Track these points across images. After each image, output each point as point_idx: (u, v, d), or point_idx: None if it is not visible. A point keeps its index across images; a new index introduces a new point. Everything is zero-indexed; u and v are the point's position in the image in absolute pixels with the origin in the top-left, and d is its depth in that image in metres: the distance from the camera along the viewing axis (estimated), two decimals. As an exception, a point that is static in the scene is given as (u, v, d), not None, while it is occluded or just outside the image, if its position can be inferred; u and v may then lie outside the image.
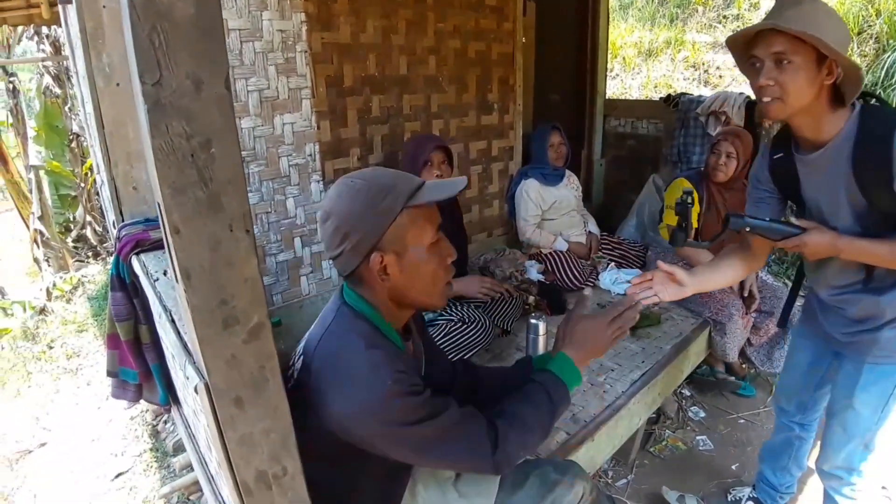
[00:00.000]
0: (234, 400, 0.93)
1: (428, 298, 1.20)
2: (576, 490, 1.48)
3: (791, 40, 1.29)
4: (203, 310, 0.86)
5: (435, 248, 1.16)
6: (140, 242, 1.99)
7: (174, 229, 0.82)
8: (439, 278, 1.18)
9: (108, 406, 3.22)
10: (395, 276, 1.14)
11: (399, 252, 1.12)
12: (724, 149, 2.77)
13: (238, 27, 2.31)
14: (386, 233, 1.10)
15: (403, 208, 1.10)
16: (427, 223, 1.14)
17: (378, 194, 1.10)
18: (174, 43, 0.77)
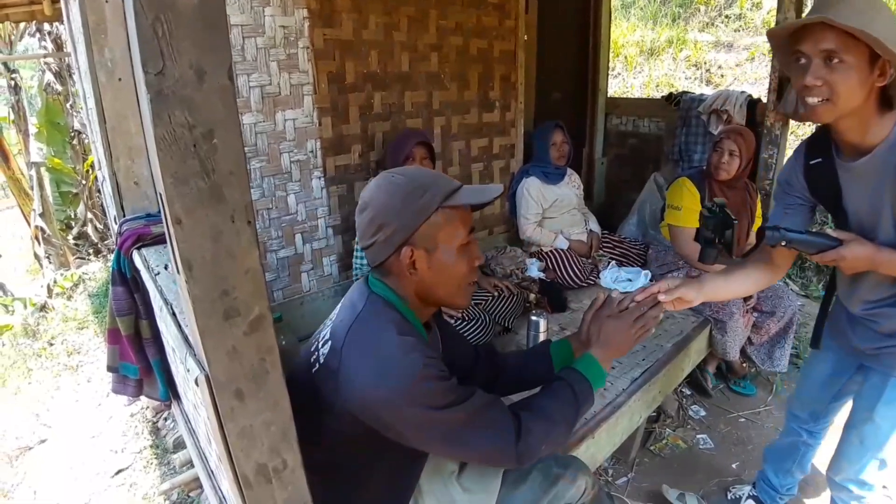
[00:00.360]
0: (234, 392, 0.93)
1: (452, 298, 1.22)
2: (578, 485, 1.48)
3: (843, 37, 1.18)
4: (204, 301, 0.86)
5: (464, 250, 1.18)
6: (141, 237, 1.99)
7: (176, 220, 0.82)
8: (465, 279, 1.20)
9: (108, 403, 3.22)
10: (423, 272, 1.16)
11: (429, 249, 1.15)
12: (727, 147, 2.76)
13: (240, 22, 2.30)
14: (419, 229, 1.14)
15: (439, 207, 1.13)
16: (460, 224, 1.16)
17: (416, 191, 1.14)
18: (177, 33, 0.76)
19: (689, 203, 2.84)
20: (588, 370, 1.32)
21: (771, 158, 3.38)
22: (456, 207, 1.15)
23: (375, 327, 1.14)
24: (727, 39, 6.71)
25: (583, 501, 1.52)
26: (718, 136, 2.84)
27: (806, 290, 4.03)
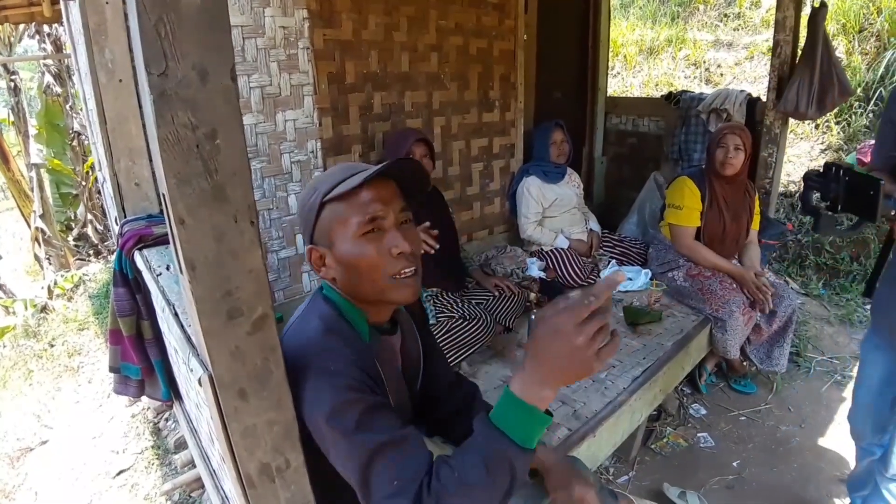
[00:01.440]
0: (237, 392, 0.93)
1: (381, 292, 1.13)
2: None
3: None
4: (207, 301, 0.86)
5: (369, 239, 1.10)
6: (143, 238, 1.99)
7: (179, 220, 0.82)
8: (380, 269, 1.11)
9: (109, 404, 3.22)
10: (331, 269, 1.14)
11: (329, 245, 1.13)
12: (732, 142, 2.76)
13: (240, 23, 2.31)
14: (315, 228, 1.13)
15: (323, 203, 1.11)
16: (351, 216, 1.10)
17: (308, 192, 1.14)
18: (180, 34, 0.77)
19: (689, 202, 2.85)
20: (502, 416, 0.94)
21: (770, 157, 3.39)
22: (341, 198, 1.09)
23: (305, 321, 1.14)
24: (726, 38, 6.71)
25: None
26: (720, 133, 2.83)
27: (806, 289, 4.03)
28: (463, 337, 2.32)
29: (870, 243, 4.11)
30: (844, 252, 4.18)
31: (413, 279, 1.14)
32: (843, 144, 4.89)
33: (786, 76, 3.30)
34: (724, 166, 2.78)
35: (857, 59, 5.13)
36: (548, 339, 0.88)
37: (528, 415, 0.92)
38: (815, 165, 4.85)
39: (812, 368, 3.21)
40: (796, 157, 5.03)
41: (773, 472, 2.48)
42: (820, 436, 2.71)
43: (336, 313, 1.15)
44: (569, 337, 0.85)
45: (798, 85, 3.18)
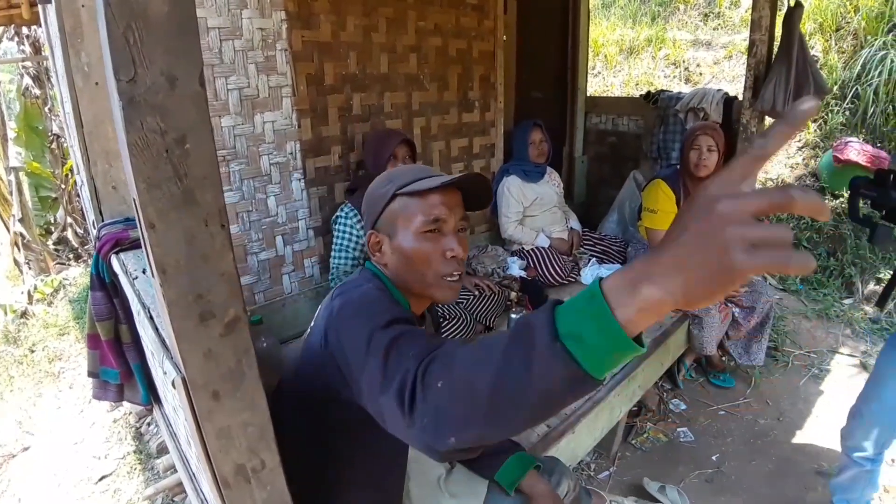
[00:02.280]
0: (211, 393, 0.94)
1: (427, 287, 1.19)
2: (561, 488, 1.51)
3: None
4: (179, 304, 0.87)
5: (427, 238, 1.17)
6: (119, 241, 1.98)
7: (149, 224, 0.83)
8: (431, 266, 1.18)
9: (90, 409, 3.20)
10: (386, 256, 1.21)
11: (390, 234, 1.20)
12: (705, 143, 2.79)
13: (217, 25, 2.31)
14: (381, 215, 1.21)
15: (395, 195, 1.18)
16: (419, 212, 1.17)
17: (382, 180, 1.23)
18: (148, 40, 0.77)
19: (664, 206, 2.89)
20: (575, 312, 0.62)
21: (747, 155, 3.42)
22: (413, 194, 1.17)
23: (355, 284, 1.17)
24: (705, 38, 6.78)
25: (566, 502, 1.55)
26: (692, 134, 2.86)
27: (784, 284, 4.09)
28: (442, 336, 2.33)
29: (846, 239, 4.17)
30: (821, 248, 4.25)
31: (458, 282, 1.21)
32: (820, 142, 4.96)
33: (762, 75, 3.35)
34: (699, 168, 2.82)
35: (834, 57, 5.21)
36: (692, 217, 0.55)
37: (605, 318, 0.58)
38: (792, 163, 4.93)
39: (790, 363, 3.26)
40: (774, 156, 5.09)
41: (752, 466, 2.52)
42: (798, 429, 2.75)
43: (385, 286, 1.20)
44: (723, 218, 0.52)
45: (774, 84, 3.23)
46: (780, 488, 2.39)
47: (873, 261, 4.05)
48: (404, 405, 0.80)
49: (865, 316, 3.71)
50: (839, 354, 3.36)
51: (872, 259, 4.06)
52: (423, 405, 0.77)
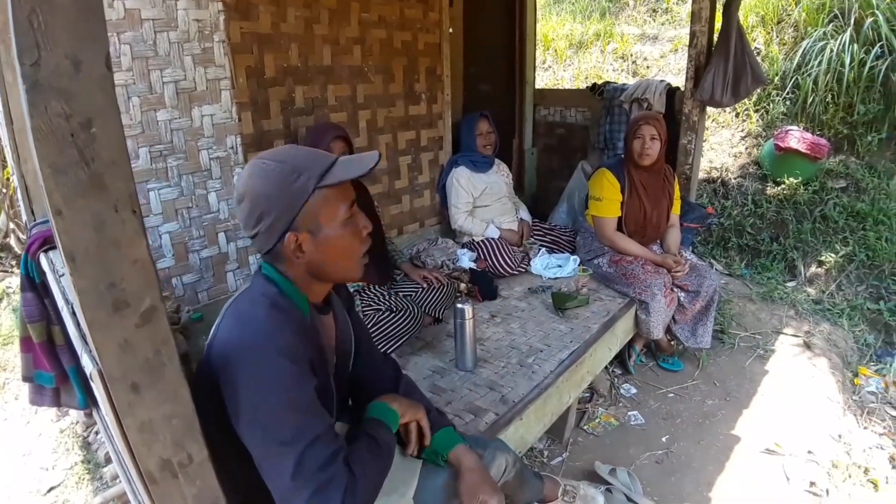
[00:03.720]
0: (130, 386, 0.91)
1: (345, 272, 1.20)
2: (497, 463, 1.50)
3: None
4: (91, 293, 0.84)
5: (349, 224, 1.16)
6: (48, 240, 1.92)
7: (56, 211, 0.80)
8: (355, 251, 1.18)
9: (37, 420, 3.08)
10: (310, 254, 1.14)
11: (313, 231, 1.12)
12: (648, 132, 2.84)
13: (151, 17, 2.25)
14: (299, 213, 1.10)
15: (315, 188, 1.10)
16: (340, 201, 1.14)
17: (290, 175, 1.10)
18: (53, 23, 0.76)
19: (608, 194, 2.94)
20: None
21: (690, 144, 3.51)
22: (333, 186, 1.12)
23: (248, 299, 1.14)
24: (653, 32, 6.89)
25: (505, 479, 1.55)
26: (635, 124, 2.91)
27: (729, 269, 4.20)
28: (391, 329, 2.32)
29: (788, 224, 4.30)
30: (765, 233, 4.37)
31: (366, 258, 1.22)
32: (762, 131, 5.09)
33: (702, 66, 3.42)
34: (642, 157, 2.87)
35: (776, 49, 5.35)
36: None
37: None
38: (736, 153, 5.06)
39: (736, 344, 3.34)
40: (718, 145, 5.22)
41: (700, 445, 2.57)
42: (745, 408, 2.82)
43: (281, 293, 1.16)
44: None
45: (713, 73, 3.31)
46: (728, 466, 2.45)
47: (814, 244, 4.19)
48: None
49: (808, 297, 3.83)
50: (783, 335, 3.46)
51: (814, 243, 4.19)
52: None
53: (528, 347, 2.47)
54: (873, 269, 3.92)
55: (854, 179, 4.41)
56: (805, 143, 4.30)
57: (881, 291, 3.79)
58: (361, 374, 1.45)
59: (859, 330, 3.55)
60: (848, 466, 2.41)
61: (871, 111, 4.50)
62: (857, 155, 4.58)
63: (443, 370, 2.31)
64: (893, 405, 2.86)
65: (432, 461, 1.43)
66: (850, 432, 2.64)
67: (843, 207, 4.26)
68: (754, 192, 4.62)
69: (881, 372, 3.16)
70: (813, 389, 2.92)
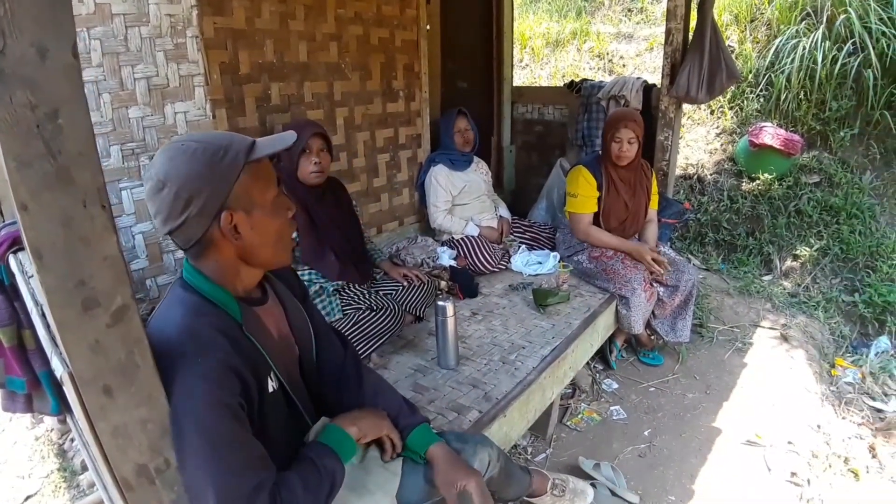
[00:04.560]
0: (102, 388, 0.88)
1: (277, 256, 1.18)
2: (480, 457, 1.49)
3: None
4: (59, 291, 0.81)
5: (278, 203, 1.14)
6: (17, 240, 1.86)
7: (22, 206, 0.77)
8: (286, 233, 1.16)
9: (11, 428, 3.01)
10: (246, 235, 1.10)
11: (247, 209, 1.09)
12: (626, 136, 2.85)
13: (122, 11, 2.19)
14: (233, 190, 1.07)
15: (245, 164, 1.07)
16: (269, 179, 1.12)
17: (218, 152, 1.06)
18: (18, 11, 0.74)
19: (584, 191, 2.95)
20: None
21: (667, 140, 3.53)
22: (260, 161, 1.10)
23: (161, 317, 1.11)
24: (628, 31, 6.94)
25: (490, 475, 1.53)
26: (613, 127, 2.89)
27: (707, 264, 4.24)
28: (371, 328, 2.29)
29: (763, 219, 4.35)
30: (741, 228, 4.41)
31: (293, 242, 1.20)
32: (737, 128, 5.15)
33: (678, 63, 3.45)
34: (620, 158, 2.90)
35: (749, 47, 5.41)
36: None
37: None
38: (711, 149, 5.11)
39: (715, 338, 3.37)
40: (694, 142, 5.26)
41: (682, 438, 2.58)
42: (724, 400, 2.85)
43: (202, 300, 1.11)
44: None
45: (689, 70, 3.33)
46: (709, 458, 2.46)
47: (789, 238, 4.24)
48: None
49: (784, 291, 3.88)
50: (760, 328, 3.49)
51: (789, 237, 4.25)
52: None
53: (510, 344, 2.46)
54: (847, 262, 3.99)
55: (827, 174, 4.47)
56: (779, 139, 4.36)
57: (855, 284, 3.86)
58: (324, 375, 1.43)
59: (835, 322, 3.60)
60: (828, 456, 2.44)
61: (844, 107, 4.57)
62: (830, 150, 4.65)
63: (425, 368, 2.29)
64: (870, 395, 2.91)
65: (412, 459, 1.42)
66: (829, 423, 2.67)
67: (816, 202, 4.32)
68: (730, 187, 4.66)
69: (857, 363, 3.21)
70: (791, 381, 2.95)
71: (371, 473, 1.35)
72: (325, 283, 2.45)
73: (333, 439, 1.24)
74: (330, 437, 1.25)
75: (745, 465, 2.41)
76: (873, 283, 3.74)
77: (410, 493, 1.37)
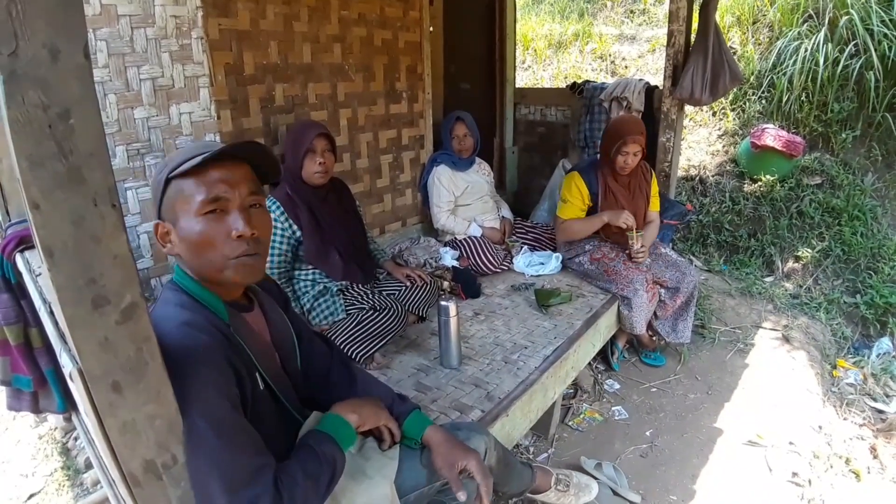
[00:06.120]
0: (111, 385, 0.89)
1: (217, 272, 1.15)
2: (475, 443, 1.49)
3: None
4: (69, 289, 0.82)
5: (210, 220, 1.12)
6: (24, 240, 1.88)
7: (34, 204, 0.79)
8: (214, 248, 1.13)
9: (14, 427, 3.02)
10: (175, 245, 1.15)
11: (173, 221, 1.14)
12: (632, 150, 2.85)
13: (128, 13, 2.19)
14: (162, 203, 1.15)
15: (169, 179, 1.12)
16: (196, 192, 1.11)
17: (159, 167, 1.16)
18: (31, 12, 0.75)
19: (573, 198, 3.00)
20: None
21: (669, 142, 3.54)
22: (187, 174, 1.11)
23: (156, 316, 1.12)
24: (630, 32, 6.95)
25: (487, 463, 1.54)
26: (619, 139, 2.85)
27: (708, 265, 4.24)
28: (375, 328, 2.30)
29: (765, 220, 4.36)
30: (742, 230, 4.42)
31: (252, 260, 1.16)
32: (739, 130, 5.15)
33: (680, 64, 3.45)
34: (624, 169, 2.92)
35: (751, 49, 5.41)
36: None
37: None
38: (713, 151, 5.11)
39: (716, 339, 3.37)
40: (696, 143, 5.27)
41: (683, 438, 2.59)
42: (726, 401, 2.85)
43: (190, 299, 1.15)
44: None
45: (692, 72, 3.34)
46: (711, 458, 2.47)
47: (791, 240, 4.25)
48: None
49: (786, 292, 3.89)
50: (762, 329, 3.50)
51: (790, 238, 4.25)
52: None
53: (512, 344, 2.47)
54: (849, 264, 3.99)
55: (829, 176, 4.47)
56: (781, 140, 4.36)
57: (857, 285, 3.86)
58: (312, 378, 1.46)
59: (836, 323, 3.61)
60: (829, 457, 2.45)
61: (845, 109, 4.57)
62: (832, 152, 4.66)
63: (428, 368, 2.30)
64: (872, 397, 2.91)
65: (408, 445, 1.44)
66: (831, 423, 2.68)
67: (818, 204, 4.32)
68: (732, 189, 4.67)
69: (859, 364, 3.21)
70: (793, 382, 2.96)
71: (369, 460, 1.36)
72: (329, 283, 2.47)
73: (332, 426, 1.27)
74: (328, 425, 1.27)
75: (746, 466, 2.42)
76: (875, 284, 3.75)
77: (409, 479, 1.39)
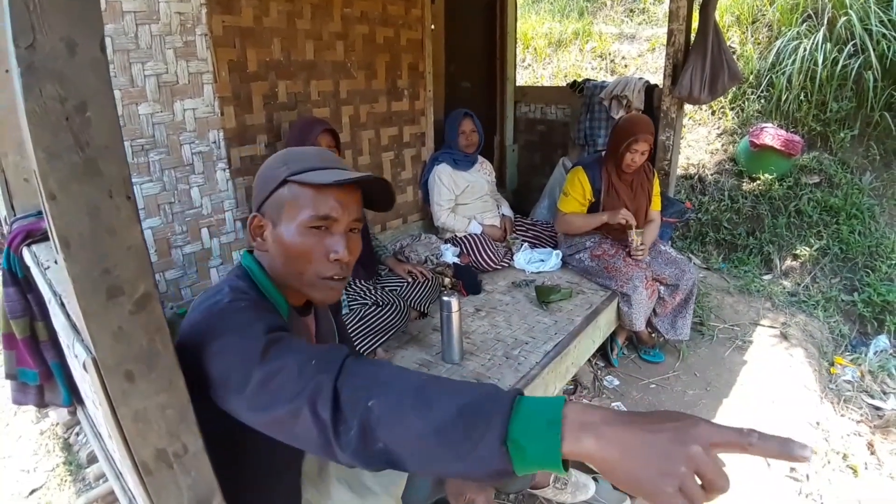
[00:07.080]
0: (124, 374, 0.90)
1: (302, 284, 1.12)
2: None
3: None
4: (85, 279, 0.83)
5: (312, 234, 1.09)
6: (31, 233, 1.88)
7: (50, 196, 0.79)
8: (311, 265, 1.10)
9: (16, 422, 3.03)
10: (267, 243, 1.13)
11: (274, 221, 1.11)
12: (642, 148, 2.87)
13: (133, 9, 2.22)
14: (269, 198, 1.12)
15: (286, 180, 1.09)
16: (308, 204, 1.08)
17: (277, 161, 1.13)
18: (48, 6, 0.76)
19: (575, 192, 3.01)
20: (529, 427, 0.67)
21: (668, 140, 3.56)
22: (304, 184, 1.08)
23: (213, 290, 1.10)
24: (630, 31, 6.97)
25: None
26: (629, 136, 2.85)
27: (707, 263, 4.27)
28: (377, 323, 2.32)
29: (764, 219, 4.38)
30: (741, 228, 4.44)
31: (340, 284, 1.13)
32: (738, 129, 5.18)
33: (680, 63, 3.47)
34: (630, 167, 2.93)
35: (751, 48, 5.43)
36: (672, 432, 0.65)
37: (552, 454, 0.65)
38: (712, 149, 5.14)
39: (715, 336, 3.39)
40: (695, 142, 5.29)
41: (681, 436, 2.61)
42: (724, 397, 2.87)
43: (251, 284, 1.12)
44: (689, 461, 0.64)
45: (691, 71, 3.36)
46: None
47: (789, 238, 4.27)
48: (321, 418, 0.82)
49: (784, 290, 3.91)
50: (760, 326, 3.52)
51: (789, 237, 4.28)
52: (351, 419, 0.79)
53: (513, 340, 2.49)
54: (847, 262, 4.02)
55: (827, 175, 4.50)
56: (779, 139, 4.39)
57: (854, 283, 3.89)
58: None
59: (834, 321, 3.63)
60: (827, 453, 2.47)
61: (844, 108, 4.60)
62: (830, 151, 4.68)
63: (430, 363, 2.32)
64: (869, 393, 2.94)
65: None
66: (828, 420, 2.70)
67: (816, 202, 4.35)
68: (730, 187, 4.69)
69: (856, 361, 3.23)
70: (790, 379, 2.98)
71: (377, 474, 1.35)
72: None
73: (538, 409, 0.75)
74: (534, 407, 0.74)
75: (744, 461, 2.43)
76: (872, 282, 3.77)
77: (416, 492, 1.39)
